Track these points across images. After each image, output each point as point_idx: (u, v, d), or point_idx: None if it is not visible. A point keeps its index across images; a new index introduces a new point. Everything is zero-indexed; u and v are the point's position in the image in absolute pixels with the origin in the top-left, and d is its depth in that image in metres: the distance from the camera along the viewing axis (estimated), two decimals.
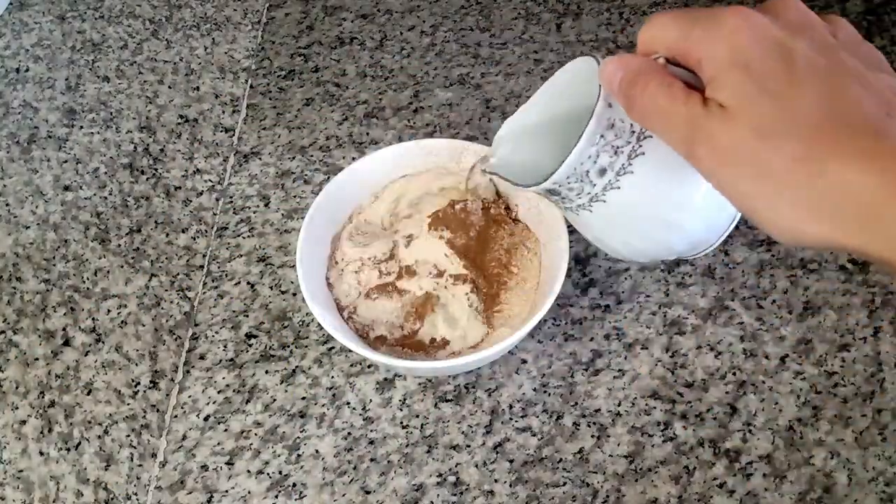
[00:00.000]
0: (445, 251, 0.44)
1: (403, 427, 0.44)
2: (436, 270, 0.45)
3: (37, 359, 0.48)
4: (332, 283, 0.46)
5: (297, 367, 0.47)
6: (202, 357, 0.48)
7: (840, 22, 0.31)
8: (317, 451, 0.44)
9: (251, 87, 0.62)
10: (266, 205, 0.55)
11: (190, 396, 0.47)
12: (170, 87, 0.62)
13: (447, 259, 0.44)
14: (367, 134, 0.58)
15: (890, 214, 0.26)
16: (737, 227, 0.49)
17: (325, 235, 0.47)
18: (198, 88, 0.62)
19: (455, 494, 0.42)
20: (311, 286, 0.43)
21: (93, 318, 0.50)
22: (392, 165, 0.49)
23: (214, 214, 0.55)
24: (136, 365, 0.48)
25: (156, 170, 0.57)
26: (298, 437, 0.44)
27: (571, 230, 0.43)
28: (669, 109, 0.31)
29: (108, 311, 0.50)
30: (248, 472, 0.44)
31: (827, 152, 0.27)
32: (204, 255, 0.53)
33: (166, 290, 0.51)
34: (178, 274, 0.52)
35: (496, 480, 0.42)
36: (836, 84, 0.28)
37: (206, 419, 0.46)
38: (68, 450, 0.45)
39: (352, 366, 0.46)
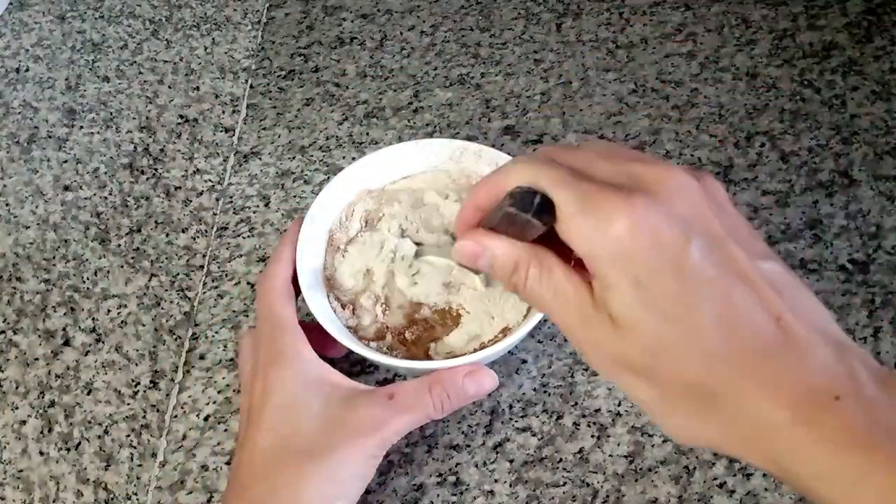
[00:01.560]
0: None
1: None
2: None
3: (37, 359, 0.48)
4: (331, 281, 0.46)
5: None
6: (202, 357, 0.48)
7: (717, 189, 0.31)
8: None
9: (251, 87, 0.62)
10: (266, 205, 0.55)
11: (190, 396, 0.47)
12: (170, 87, 0.62)
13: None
14: (367, 134, 0.58)
15: (773, 440, 0.27)
16: None
17: (323, 235, 0.47)
18: (198, 88, 0.62)
19: (455, 494, 0.42)
20: (309, 282, 0.43)
21: (93, 318, 0.50)
22: (391, 165, 0.48)
23: (214, 214, 0.55)
24: (136, 365, 0.48)
25: (156, 170, 0.57)
26: None
27: None
28: (556, 304, 0.31)
29: (108, 311, 0.50)
30: None
31: (722, 379, 0.27)
32: (204, 255, 0.53)
33: (166, 290, 0.51)
34: (178, 274, 0.52)
35: (496, 480, 0.42)
36: (728, 298, 0.28)
37: (206, 419, 0.46)
38: (68, 450, 0.45)
39: (352, 366, 0.46)
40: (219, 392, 0.47)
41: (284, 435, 0.37)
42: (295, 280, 0.43)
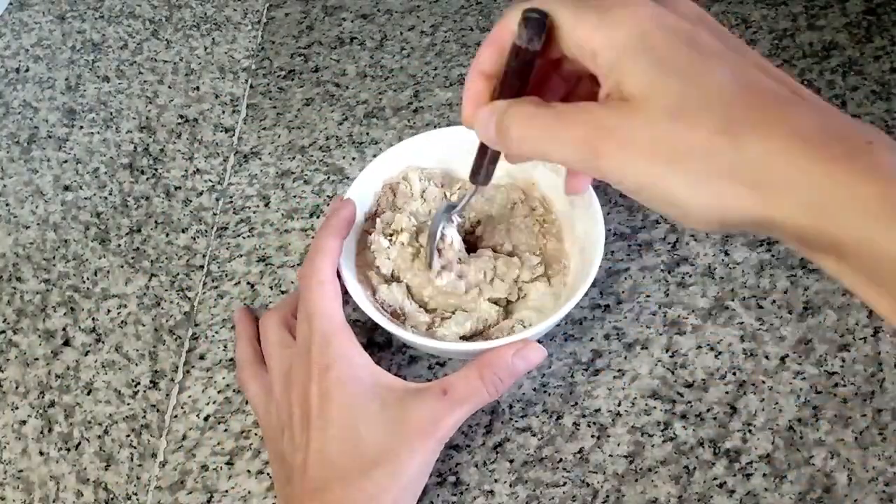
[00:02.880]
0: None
1: None
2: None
3: (37, 359, 0.48)
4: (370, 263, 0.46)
5: None
6: (202, 357, 0.48)
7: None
8: None
9: (251, 87, 0.62)
10: (266, 205, 0.55)
11: (190, 396, 0.47)
12: (170, 87, 0.62)
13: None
14: (367, 134, 0.58)
15: (808, 183, 0.26)
16: None
17: (360, 219, 0.46)
18: (198, 88, 0.62)
19: (455, 494, 0.42)
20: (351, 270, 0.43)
21: (93, 318, 0.50)
22: (434, 147, 0.48)
23: (214, 214, 0.55)
24: (136, 365, 0.48)
25: (156, 170, 0.57)
26: None
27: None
28: (554, 125, 0.30)
29: (108, 311, 0.50)
30: (248, 472, 0.44)
31: (745, 124, 0.27)
32: (204, 255, 0.53)
33: (166, 290, 0.51)
34: (178, 274, 0.52)
35: (496, 480, 0.42)
36: (742, 64, 0.28)
37: (206, 419, 0.46)
38: (68, 450, 0.45)
39: (393, 354, 0.46)
40: (219, 392, 0.47)
41: (350, 441, 0.37)
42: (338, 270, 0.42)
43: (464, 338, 0.43)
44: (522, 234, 0.46)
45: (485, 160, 0.38)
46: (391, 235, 0.45)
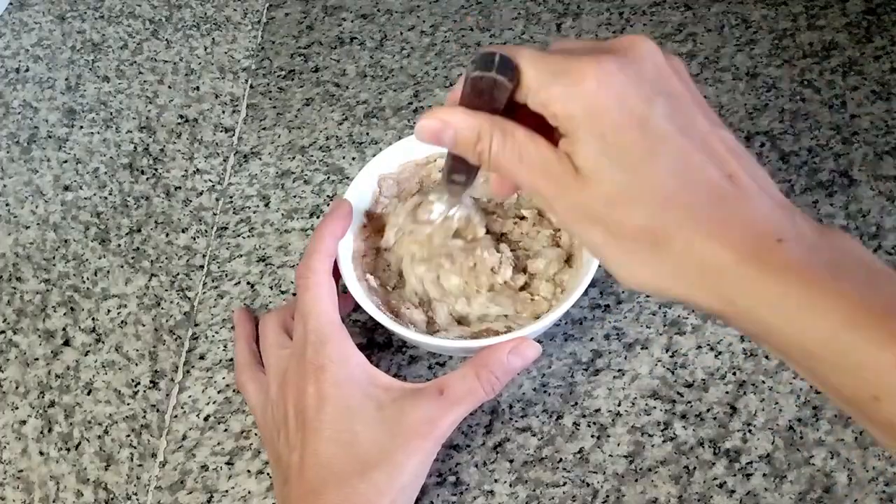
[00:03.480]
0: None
1: None
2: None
3: (37, 359, 0.48)
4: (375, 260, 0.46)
5: None
6: (202, 357, 0.48)
7: (680, 65, 0.33)
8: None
9: (251, 87, 0.62)
10: (266, 205, 0.55)
11: (190, 396, 0.47)
12: (170, 87, 0.62)
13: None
14: (367, 134, 0.58)
15: (722, 280, 0.29)
16: None
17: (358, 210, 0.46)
18: (198, 88, 0.62)
19: (455, 494, 0.42)
20: (349, 268, 0.43)
21: (93, 318, 0.50)
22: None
23: (214, 214, 0.55)
24: (136, 365, 0.48)
25: (156, 170, 0.57)
26: None
27: None
28: (521, 165, 0.32)
29: (108, 311, 0.50)
30: (248, 472, 0.44)
31: (673, 223, 0.29)
32: (204, 255, 0.53)
33: (166, 290, 0.51)
34: (178, 274, 0.52)
35: (496, 480, 0.42)
36: (685, 156, 0.30)
37: (206, 419, 0.46)
38: (68, 450, 0.45)
39: (393, 354, 0.46)
40: (219, 392, 0.47)
41: (345, 442, 0.37)
42: (335, 270, 0.42)
43: (462, 321, 0.43)
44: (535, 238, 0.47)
45: (470, 174, 0.37)
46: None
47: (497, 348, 0.39)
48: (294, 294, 0.50)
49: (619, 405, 0.43)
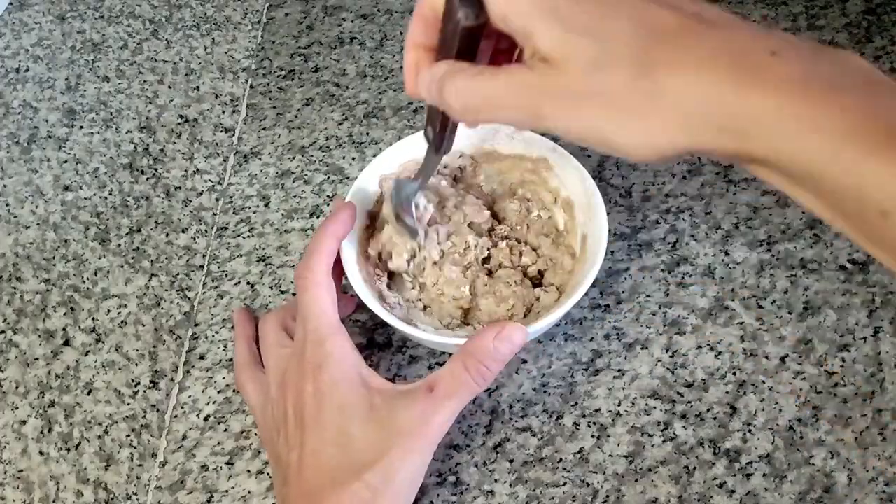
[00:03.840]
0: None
1: None
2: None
3: (37, 359, 0.48)
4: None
5: None
6: (202, 357, 0.48)
7: None
8: None
9: (251, 87, 0.62)
10: (266, 205, 0.55)
11: (190, 396, 0.47)
12: (170, 87, 0.62)
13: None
14: (367, 134, 0.58)
15: (723, 108, 0.27)
16: (737, 226, 0.49)
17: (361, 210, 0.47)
18: (198, 88, 0.62)
19: (455, 494, 0.42)
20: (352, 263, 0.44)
21: (93, 318, 0.50)
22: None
23: (214, 214, 0.55)
24: (136, 365, 0.48)
25: (156, 170, 0.57)
26: None
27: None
28: (493, 92, 0.31)
29: (108, 311, 0.50)
30: (248, 472, 0.44)
31: (657, 63, 0.28)
32: (204, 255, 0.53)
33: (166, 290, 0.51)
34: (178, 274, 0.52)
35: (496, 480, 0.42)
36: (641, 5, 0.29)
37: (206, 419, 0.46)
38: (68, 450, 0.45)
39: (394, 354, 0.46)
40: (219, 392, 0.47)
41: (342, 443, 0.37)
42: (337, 270, 0.43)
43: (466, 311, 0.44)
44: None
45: (444, 128, 0.38)
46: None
47: (481, 336, 0.38)
48: (294, 294, 0.50)
49: (619, 405, 0.43)
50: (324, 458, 0.37)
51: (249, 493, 0.43)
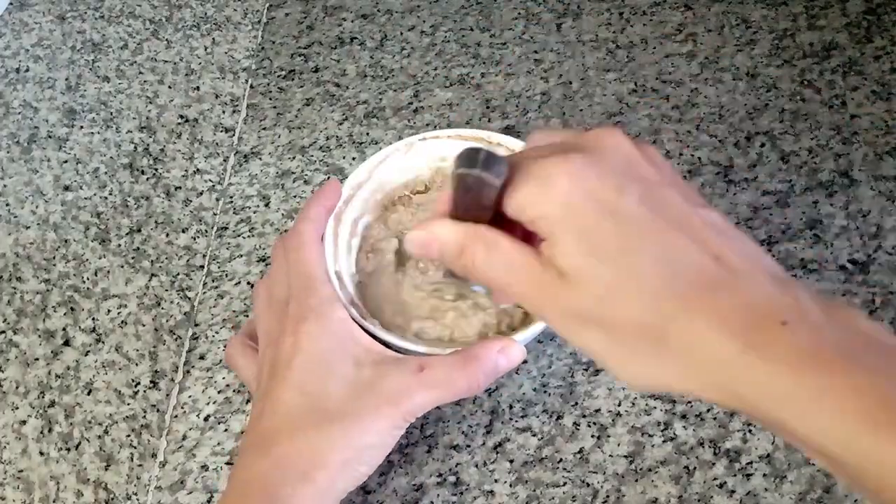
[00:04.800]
0: None
1: None
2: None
3: (37, 359, 0.48)
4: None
5: None
6: (202, 357, 0.48)
7: (653, 152, 0.32)
8: None
9: (251, 87, 0.62)
10: (266, 205, 0.55)
11: (190, 396, 0.47)
12: (170, 87, 0.62)
13: None
14: (367, 134, 0.58)
15: (727, 370, 0.27)
16: (737, 226, 0.49)
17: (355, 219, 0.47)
18: (198, 88, 0.62)
19: (455, 494, 0.42)
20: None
21: (93, 318, 0.50)
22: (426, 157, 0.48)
23: (214, 214, 0.55)
24: (136, 365, 0.48)
25: (156, 170, 0.57)
26: None
27: None
28: (508, 277, 0.32)
29: (108, 311, 0.50)
30: None
31: (668, 316, 0.28)
32: (204, 255, 0.53)
33: (166, 290, 0.51)
34: (178, 274, 0.52)
35: (496, 480, 0.42)
36: (666, 239, 0.29)
37: (206, 419, 0.46)
38: (68, 450, 0.45)
39: None
40: (219, 392, 0.47)
41: (312, 394, 0.36)
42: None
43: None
44: None
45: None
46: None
47: (489, 344, 0.38)
48: None
49: (619, 405, 0.43)
50: (286, 405, 0.36)
51: None
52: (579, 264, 0.29)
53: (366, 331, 0.40)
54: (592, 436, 0.43)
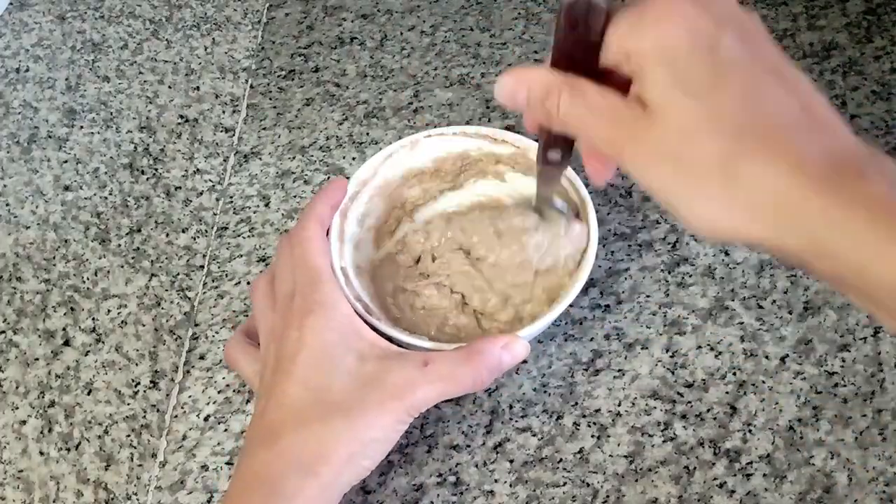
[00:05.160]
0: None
1: None
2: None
3: (37, 359, 0.48)
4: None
5: None
6: (202, 357, 0.48)
7: (757, 17, 0.32)
8: None
9: (251, 87, 0.62)
10: (266, 205, 0.55)
11: (190, 396, 0.47)
12: (170, 87, 0.62)
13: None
14: (367, 134, 0.58)
15: (801, 212, 0.27)
16: None
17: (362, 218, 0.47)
18: (198, 88, 0.62)
19: (455, 494, 0.42)
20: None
21: (93, 318, 0.50)
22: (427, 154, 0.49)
23: (214, 214, 0.55)
24: (136, 365, 0.48)
25: (156, 170, 0.57)
26: None
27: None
28: (590, 119, 0.31)
29: (108, 311, 0.50)
30: None
31: (745, 154, 0.28)
32: (204, 255, 0.53)
33: (166, 290, 0.51)
34: (178, 274, 0.52)
35: (496, 480, 0.42)
36: (758, 82, 0.29)
37: (206, 419, 0.46)
38: (68, 450, 0.45)
39: None
40: (219, 392, 0.47)
41: (316, 387, 0.36)
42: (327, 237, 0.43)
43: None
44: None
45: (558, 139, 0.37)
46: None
47: (492, 339, 0.38)
48: None
49: (619, 405, 0.43)
50: (292, 398, 0.36)
51: None
52: (666, 96, 0.29)
53: (370, 326, 0.40)
54: (592, 436, 0.43)
